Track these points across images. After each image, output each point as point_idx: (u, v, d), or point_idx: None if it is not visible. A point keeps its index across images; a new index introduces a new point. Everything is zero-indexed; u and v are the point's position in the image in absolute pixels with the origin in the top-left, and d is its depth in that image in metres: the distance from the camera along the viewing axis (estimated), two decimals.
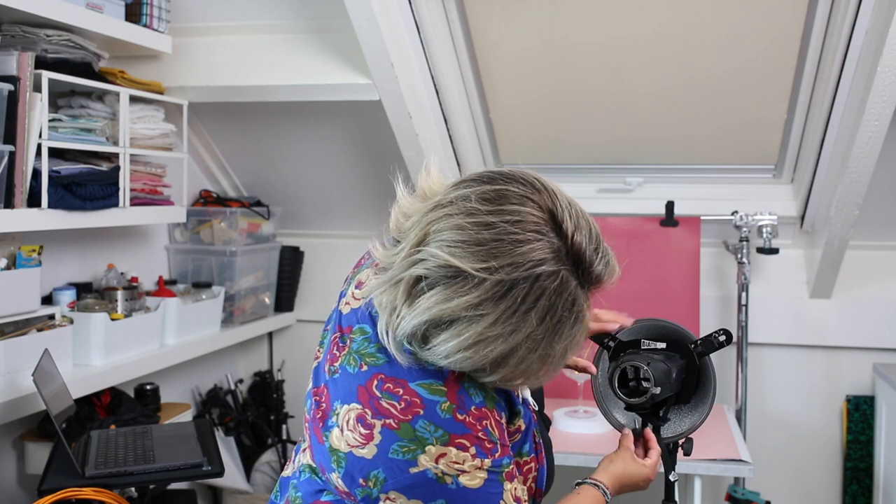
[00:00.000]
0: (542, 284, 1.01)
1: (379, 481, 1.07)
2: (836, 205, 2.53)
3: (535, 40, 2.61)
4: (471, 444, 1.07)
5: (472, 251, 1.01)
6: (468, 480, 1.07)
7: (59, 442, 1.93)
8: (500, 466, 1.10)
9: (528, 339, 1.02)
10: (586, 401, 2.55)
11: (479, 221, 1.02)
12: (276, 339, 3.39)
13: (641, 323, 1.56)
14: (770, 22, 2.42)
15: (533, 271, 1.00)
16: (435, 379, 1.09)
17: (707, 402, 1.48)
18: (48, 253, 2.36)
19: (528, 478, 1.21)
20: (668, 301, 2.80)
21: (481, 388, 1.11)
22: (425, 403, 1.07)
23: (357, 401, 1.10)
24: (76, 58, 2.26)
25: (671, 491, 1.49)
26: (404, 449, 1.06)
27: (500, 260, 1.00)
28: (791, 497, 2.96)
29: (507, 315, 1.00)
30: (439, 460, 1.06)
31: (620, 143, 2.88)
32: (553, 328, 1.03)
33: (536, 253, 1.01)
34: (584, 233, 1.05)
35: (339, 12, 2.38)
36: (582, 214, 1.08)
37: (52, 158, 2.10)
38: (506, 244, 1.01)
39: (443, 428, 1.07)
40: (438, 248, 1.02)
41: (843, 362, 2.92)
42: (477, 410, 1.09)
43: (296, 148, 3.02)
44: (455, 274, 1.01)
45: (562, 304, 1.02)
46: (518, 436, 1.19)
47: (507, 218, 1.02)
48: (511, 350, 1.03)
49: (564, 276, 1.03)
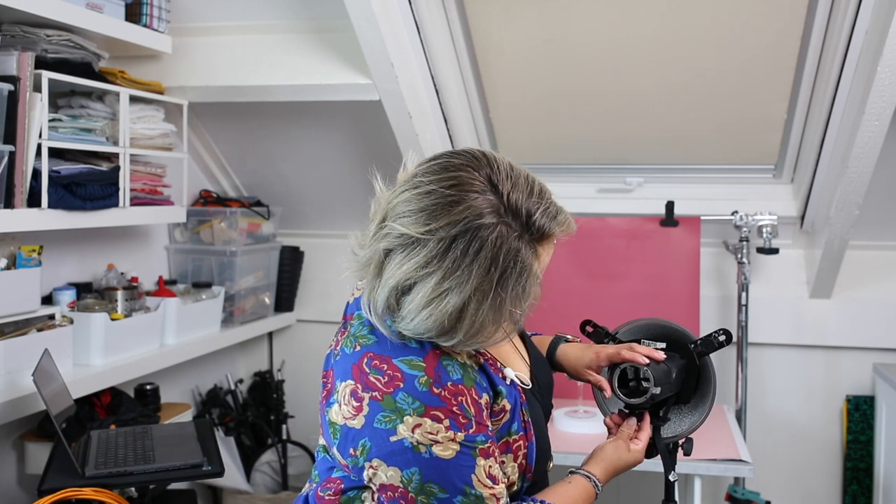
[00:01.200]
0: (480, 237, 1.10)
1: (365, 449, 1.17)
2: (836, 205, 2.53)
3: (535, 40, 2.61)
4: (445, 417, 1.15)
5: (417, 217, 1.12)
6: (441, 451, 1.15)
7: (59, 442, 1.93)
8: (473, 442, 1.17)
9: (478, 292, 1.11)
10: (586, 401, 2.55)
11: (421, 191, 1.14)
12: (276, 339, 3.39)
13: (641, 323, 1.56)
14: (770, 22, 2.42)
15: (470, 225, 1.10)
16: (416, 356, 1.19)
17: (707, 402, 1.48)
18: (48, 253, 2.36)
19: (519, 455, 1.27)
20: (668, 301, 2.80)
21: (461, 368, 1.20)
22: (405, 377, 1.17)
23: (351, 377, 1.20)
24: (76, 58, 2.26)
25: (671, 491, 1.49)
26: (386, 419, 1.15)
27: (440, 220, 1.11)
28: (791, 497, 2.96)
29: (453, 269, 1.10)
30: (415, 430, 1.14)
31: (620, 143, 2.88)
32: (499, 279, 1.11)
33: (472, 210, 1.11)
34: (522, 189, 1.15)
35: (339, 12, 2.38)
36: (523, 176, 1.17)
37: (52, 158, 2.10)
38: (444, 206, 1.12)
39: (420, 400, 1.15)
40: (394, 220, 1.14)
41: (843, 362, 2.92)
42: (453, 386, 1.17)
43: (296, 148, 3.02)
44: (407, 241, 1.12)
45: (503, 254, 1.11)
46: (505, 415, 1.25)
47: (445, 183, 1.13)
48: (464, 303, 1.11)
49: (503, 229, 1.12)
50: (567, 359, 1.53)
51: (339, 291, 3.26)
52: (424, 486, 1.15)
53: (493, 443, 1.21)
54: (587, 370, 1.48)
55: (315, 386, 1.34)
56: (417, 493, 1.15)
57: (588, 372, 1.48)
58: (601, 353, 1.46)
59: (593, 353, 1.48)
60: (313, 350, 3.30)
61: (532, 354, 1.44)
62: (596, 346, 1.51)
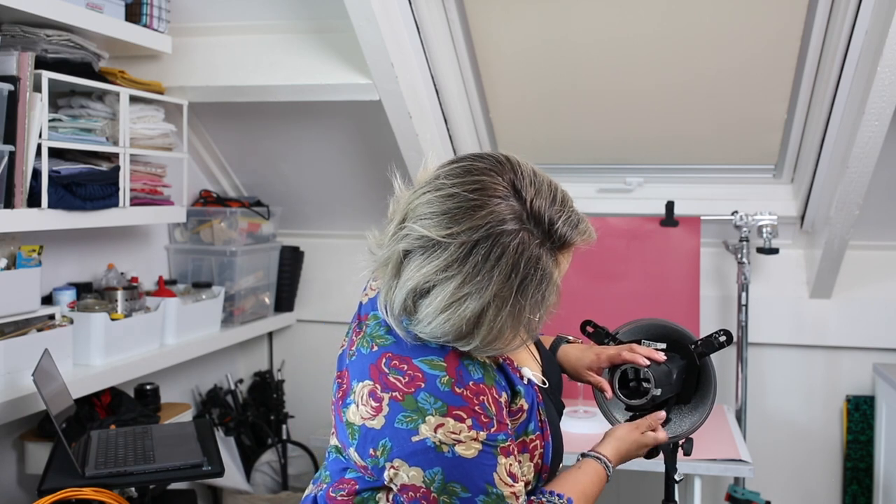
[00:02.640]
0: (502, 243, 1.10)
1: (386, 450, 1.16)
2: (836, 205, 2.53)
3: (535, 40, 2.61)
4: (467, 416, 1.15)
5: (438, 220, 1.12)
6: (464, 450, 1.14)
7: (59, 442, 1.93)
8: (495, 441, 1.16)
9: (497, 298, 1.11)
10: (586, 401, 2.55)
11: (444, 193, 1.13)
12: (276, 339, 3.39)
13: (641, 323, 1.56)
14: (770, 22, 2.42)
15: (492, 231, 1.10)
16: (436, 356, 1.18)
17: (707, 402, 1.48)
18: (48, 253, 2.36)
19: (535, 455, 1.27)
20: (668, 301, 2.80)
21: (481, 367, 1.20)
22: (426, 377, 1.16)
23: (369, 378, 1.19)
24: (76, 58, 2.25)
25: (671, 491, 1.49)
26: (407, 419, 1.15)
27: (462, 224, 1.10)
28: (791, 497, 2.96)
29: (473, 274, 1.10)
30: (438, 430, 1.14)
31: (620, 143, 2.88)
32: (519, 285, 1.11)
33: (495, 215, 1.11)
34: (545, 196, 1.15)
35: (339, 12, 2.38)
36: (546, 183, 1.17)
37: (52, 158, 2.10)
38: (466, 210, 1.11)
39: (442, 400, 1.15)
40: (414, 222, 1.13)
41: (843, 362, 2.92)
42: (475, 386, 1.17)
43: (296, 148, 3.02)
44: (427, 243, 1.12)
45: (524, 261, 1.11)
46: (522, 415, 1.25)
47: (468, 187, 1.13)
48: (482, 308, 1.11)
49: (525, 235, 1.11)
50: (567, 360, 1.53)
51: (340, 292, 3.26)
52: (447, 486, 1.14)
53: (512, 441, 1.21)
54: (588, 371, 1.49)
55: (315, 386, 1.34)
56: (440, 492, 1.14)
57: (589, 373, 1.48)
58: (602, 354, 1.47)
59: (594, 355, 1.48)
60: (313, 350, 3.30)
61: (543, 354, 1.45)
62: (596, 347, 1.51)
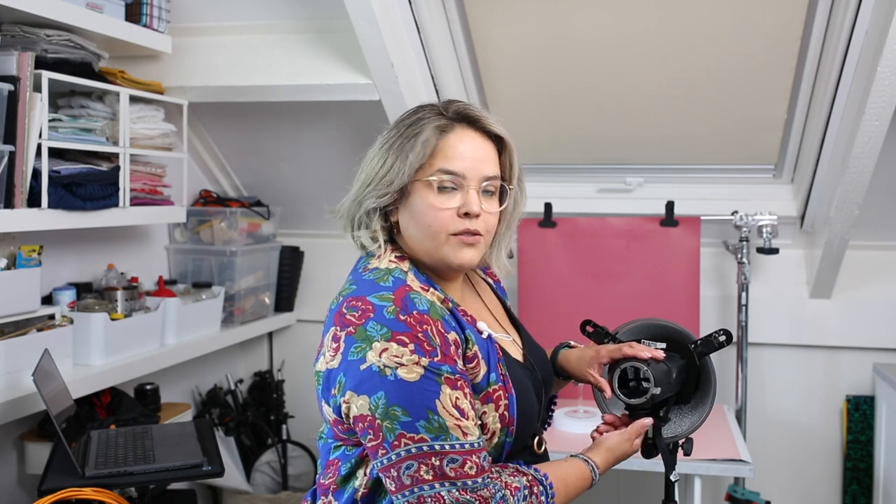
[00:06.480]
0: (408, 118, 1.37)
1: (341, 385, 1.25)
2: (836, 205, 2.53)
3: (534, 40, 2.61)
4: (410, 341, 1.22)
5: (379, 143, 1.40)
6: (405, 373, 1.20)
7: (59, 442, 1.93)
8: (438, 369, 1.22)
9: (384, 143, 1.38)
10: (586, 401, 2.55)
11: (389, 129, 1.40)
12: (276, 339, 3.39)
13: (641, 323, 1.56)
14: (770, 22, 2.42)
15: (406, 117, 1.38)
16: (387, 290, 1.28)
17: (707, 402, 1.48)
18: (48, 253, 2.36)
19: (500, 405, 1.32)
20: (668, 301, 2.80)
21: (428, 302, 1.28)
22: (375, 308, 1.25)
23: (333, 324, 1.29)
24: (76, 58, 2.25)
25: (671, 491, 1.49)
26: (358, 349, 1.23)
27: (391, 130, 1.38)
28: (791, 497, 2.96)
29: (380, 144, 1.39)
30: (382, 354, 1.21)
31: (620, 142, 2.88)
32: (395, 127, 1.38)
33: (417, 113, 1.37)
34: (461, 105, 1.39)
35: (339, 12, 2.38)
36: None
37: (52, 158, 2.10)
38: (398, 124, 1.38)
39: (387, 326, 1.23)
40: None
41: (843, 362, 2.92)
42: (419, 315, 1.25)
43: (296, 148, 3.02)
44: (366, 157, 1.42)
45: (412, 121, 1.36)
46: (479, 365, 1.30)
47: (404, 116, 1.39)
48: (381, 160, 1.37)
49: (428, 113, 1.37)
50: (568, 360, 1.55)
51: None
52: (389, 410, 1.19)
53: (462, 379, 1.25)
54: (588, 370, 1.49)
55: (315, 386, 1.35)
56: (383, 418, 1.19)
57: (589, 372, 1.49)
58: (602, 349, 1.48)
59: (594, 350, 1.49)
60: (313, 350, 3.26)
61: (525, 339, 1.51)
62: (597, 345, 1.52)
